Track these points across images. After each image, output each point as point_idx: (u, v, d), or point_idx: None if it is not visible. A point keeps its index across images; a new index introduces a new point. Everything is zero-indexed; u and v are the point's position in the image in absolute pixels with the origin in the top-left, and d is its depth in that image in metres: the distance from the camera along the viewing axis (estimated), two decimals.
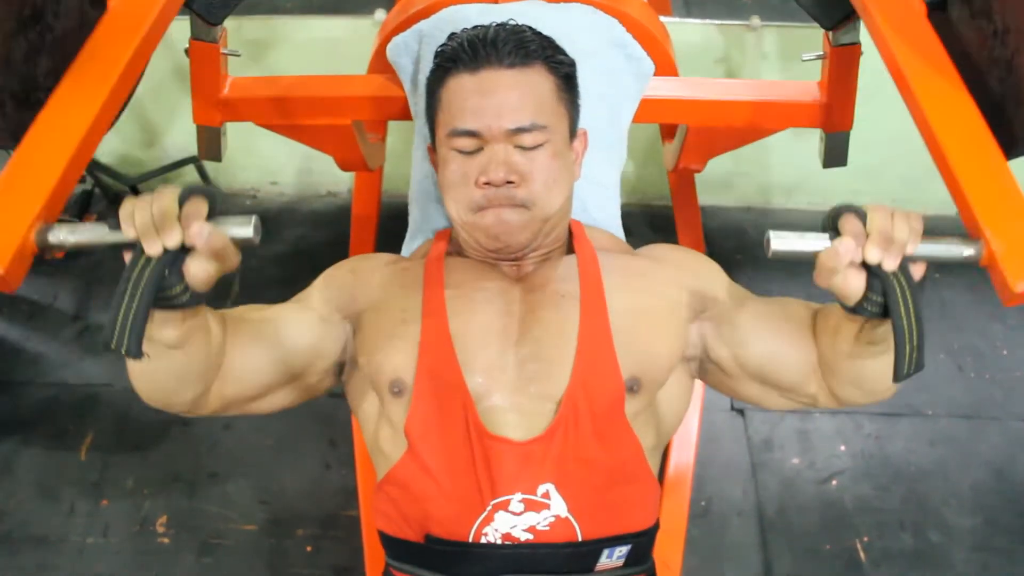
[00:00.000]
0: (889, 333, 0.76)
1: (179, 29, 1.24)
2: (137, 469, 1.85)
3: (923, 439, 1.91)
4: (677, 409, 1.02)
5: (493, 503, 0.88)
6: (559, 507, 0.88)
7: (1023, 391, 2.01)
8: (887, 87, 1.05)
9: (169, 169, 2.40)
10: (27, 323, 2.14)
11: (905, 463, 1.87)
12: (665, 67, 1.38)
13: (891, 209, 0.76)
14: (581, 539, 0.89)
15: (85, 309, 2.17)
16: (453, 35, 1.04)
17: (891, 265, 0.75)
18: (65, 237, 0.79)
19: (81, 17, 1.11)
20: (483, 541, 0.88)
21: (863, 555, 1.73)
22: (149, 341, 0.75)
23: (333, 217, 2.41)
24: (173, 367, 0.83)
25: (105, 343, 0.72)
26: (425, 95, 1.08)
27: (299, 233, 2.41)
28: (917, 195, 2.37)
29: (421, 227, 1.29)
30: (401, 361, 0.94)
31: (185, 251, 0.73)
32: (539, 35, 1.03)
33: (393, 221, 1.60)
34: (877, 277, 0.76)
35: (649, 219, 2.43)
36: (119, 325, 0.71)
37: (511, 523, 0.88)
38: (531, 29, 1.03)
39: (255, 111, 1.39)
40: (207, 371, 0.87)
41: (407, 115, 1.36)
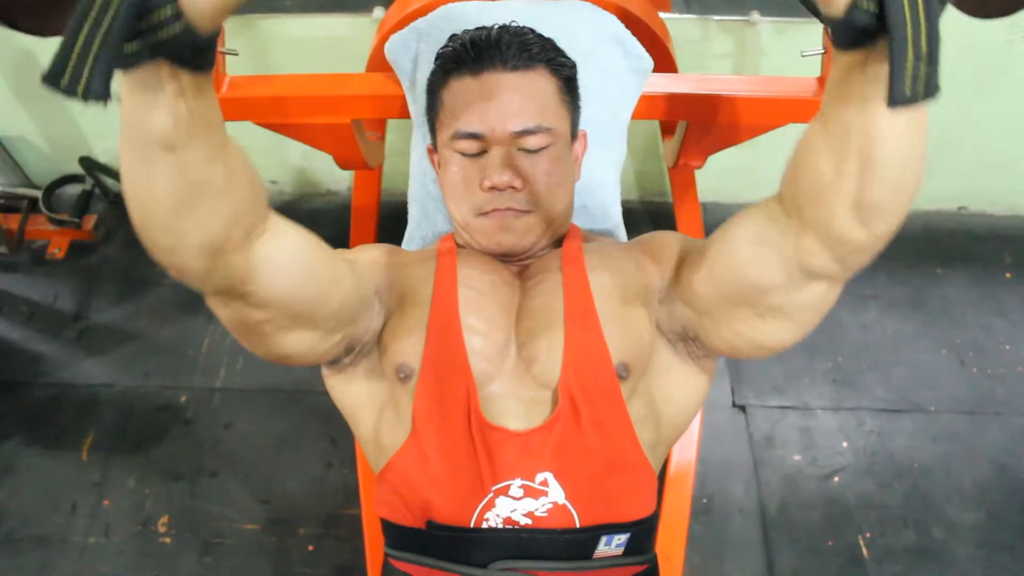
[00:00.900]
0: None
1: None
2: (138, 469, 1.85)
3: (925, 435, 1.91)
4: (681, 406, 1.00)
5: (495, 488, 0.88)
6: (557, 494, 0.88)
7: None
8: None
9: None
10: (28, 323, 2.15)
11: (907, 459, 1.87)
12: (664, 63, 1.38)
13: None
14: (579, 526, 0.89)
15: (86, 309, 2.17)
16: (454, 36, 1.03)
17: None
18: None
19: None
20: (484, 526, 0.88)
21: (865, 551, 1.73)
22: (135, 133, 0.58)
23: (333, 216, 2.41)
24: (173, 180, 0.62)
25: (50, 80, 0.48)
26: (426, 96, 1.08)
27: None
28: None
29: (420, 225, 1.30)
30: (409, 345, 0.94)
31: None
32: (541, 37, 1.03)
33: (393, 220, 1.60)
34: None
35: (649, 215, 2.42)
36: (79, 51, 0.47)
37: (511, 507, 0.88)
38: (533, 31, 1.03)
39: (253, 110, 1.38)
40: (229, 206, 0.66)
41: (406, 113, 1.36)
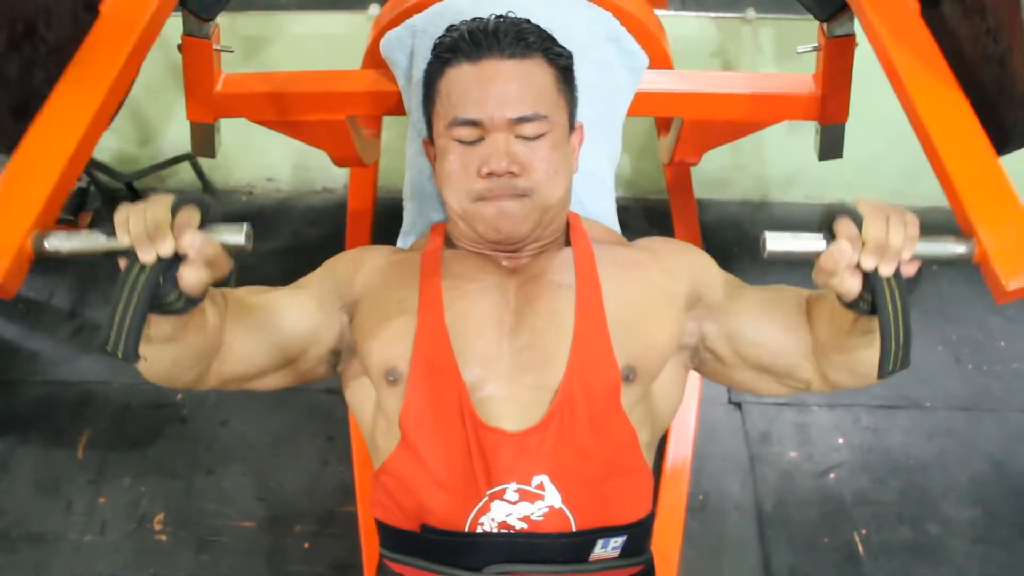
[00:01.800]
0: None
1: (172, 26, 1.23)
2: (134, 466, 1.84)
3: (921, 431, 1.91)
4: (670, 402, 1.02)
5: (489, 492, 0.88)
6: (553, 498, 0.88)
7: (1021, 383, 2.01)
8: (882, 79, 1.05)
9: (164, 166, 2.39)
10: (23, 321, 2.14)
11: (903, 456, 1.87)
12: (660, 60, 1.38)
13: (886, 211, 0.76)
14: (575, 529, 0.89)
15: (81, 307, 2.16)
16: (452, 27, 1.04)
17: (887, 271, 0.76)
18: (61, 245, 0.81)
19: (75, 24, 1.09)
20: (479, 531, 0.88)
21: (862, 548, 1.73)
22: (146, 341, 0.77)
23: (329, 213, 2.41)
24: (169, 356, 0.85)
25: (100, 347, 0.74)
26: (423, 87, 1.08)
27: (295, 229, 2.40)
28: (912, 187, 2.36)
29: (416, 222, 1.29)
30: (397, 350, 0.94)
31: (179, 259, 0.74)
32: (538, 27, 1.03)
33: (388, 217, 1.60)
34: (869, 281, 0.77)
35: (645, 213, 2.42)
36: (115, 330, 0.73)
37: (506, 511, 0.88)
38: (529, 22, 1.03)
39: (249, 107, 1.38)
40: (204, 356, 0.89)
41: (401, 110, 1.36)
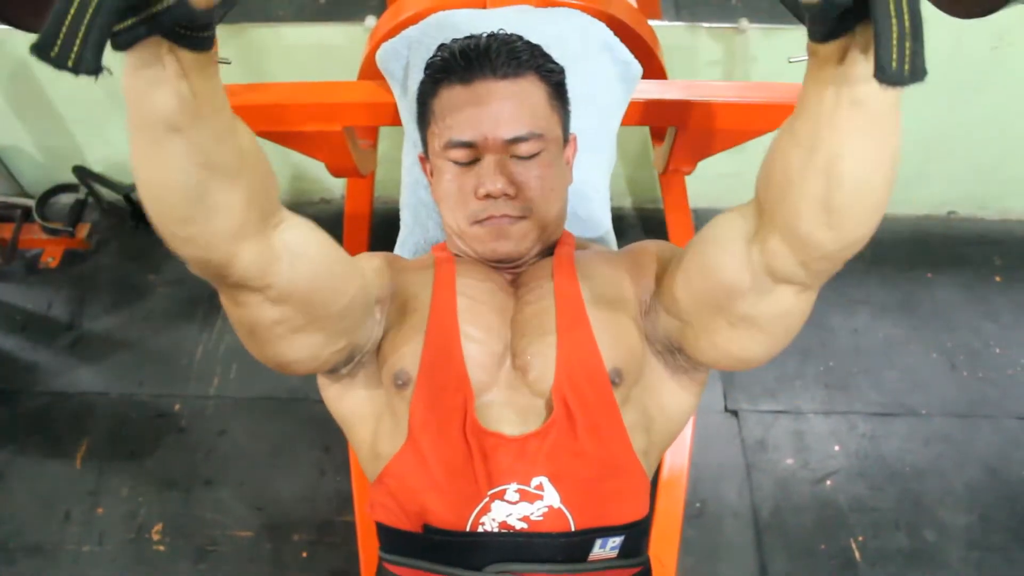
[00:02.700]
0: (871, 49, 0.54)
1: None
2: (132, 477, 1.85)
3: (917, 438, 1.92)
4: (671, 416, 1.01)
5: (491, 493, 0.88)
6: (552, 498, 0.89)
7: (1016, 389, 2.02)
8: None
9: None
10: (22, 332, 2.15)
11: (899, 462, 1.88)
12: (654, 70, 1.39)
13: None
14: (574, 529, 0.89)
15: (79, 318, 2.17)
16: (443, 46, 1.03)
17: None
18: None
19: None
20: (480, 530, 0.89)
21: (858, 555, 1.73)
22: (140, 116, 0.58)
23: (326, 224, 2.36)
24: (182, 162, 0.63)
25: (39, 47, 0.46)
26: (416, 104, 1.09)
27: None
28: (908, 195, 2.39)
29: (413, 231, 1.30)
30: (407, 352, 0.94)
31: None
32: (529, 44, 1.03)
33: (385, 227, 1.61)
34: None
35: (641, 222, 2.43)
36: (70, 21, 0.45)
37: (507, 511, 0.88)
38: (521, 38, 1.04)
39: (246, 118, 1.36)
40: (243, 190, 0.67)
41: (398, 121, 1.37)
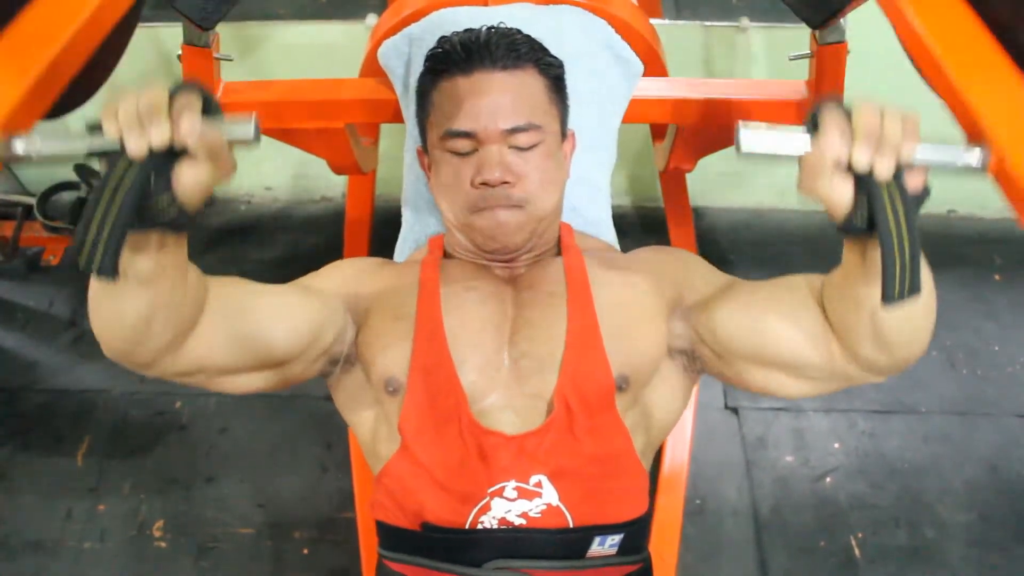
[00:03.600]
0: None
1: (172, 35, 1.25)
2: (134, 473, 1.85)
3: (917, 436, 1.92)
4: (669, 411, 1.02)
5: (490, 491, 0.89)
6: (551, 496, 0.89)
7: (1016, 387, 2.02)
8: (877, 85, 1.06)
9: None
10: (23, 329, 2.15)
11: (899, 460, 1.88)
12: (655, 68, 1.39)
13: (880, 104, 0.65)
14: (572, 526, 0.90)
15: (81, 315, 2.17)
16: (444, 38, 1.04)
17: (883, 170, 0.65)
18: (34, 147, 0.67)
19: None
20: (480, 528, 0.89)
21: (858, 552, 1.73)
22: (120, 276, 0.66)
23: (327, 222, 2.42)
24: (139, 306, 0.72)
25: (71, 261, 0.61)
26: (416, 97, 1.09)
27: (293, 238, 2.41)
28: None
29: (414, 228, 1.30)
30: (395, 359, 0.95)
31: (174, 156, 0.63)
32: (529, 38, 1.04)
33: (387, 225, 1.61)
34: (865, 186, 0.65)
35: (641, 220, 2.43)
36: (92, 238, 0.60)
37: (506, 508, 0.89)
38: (520, 32, 1.05)
39: None
40: (179, 320, 0.78)
41: (399, 118, 1.37)
